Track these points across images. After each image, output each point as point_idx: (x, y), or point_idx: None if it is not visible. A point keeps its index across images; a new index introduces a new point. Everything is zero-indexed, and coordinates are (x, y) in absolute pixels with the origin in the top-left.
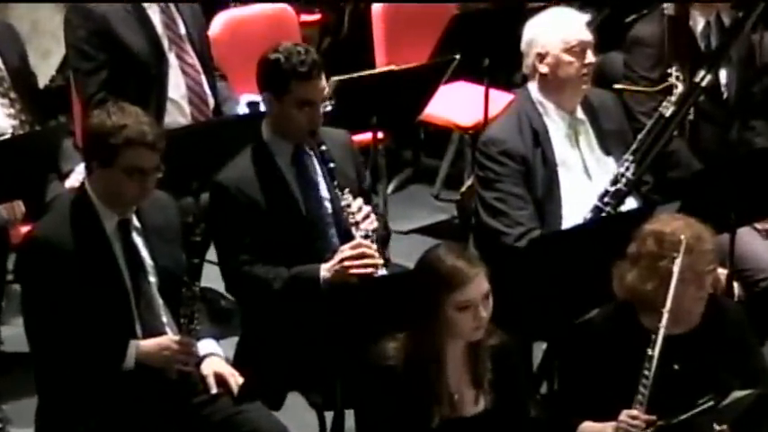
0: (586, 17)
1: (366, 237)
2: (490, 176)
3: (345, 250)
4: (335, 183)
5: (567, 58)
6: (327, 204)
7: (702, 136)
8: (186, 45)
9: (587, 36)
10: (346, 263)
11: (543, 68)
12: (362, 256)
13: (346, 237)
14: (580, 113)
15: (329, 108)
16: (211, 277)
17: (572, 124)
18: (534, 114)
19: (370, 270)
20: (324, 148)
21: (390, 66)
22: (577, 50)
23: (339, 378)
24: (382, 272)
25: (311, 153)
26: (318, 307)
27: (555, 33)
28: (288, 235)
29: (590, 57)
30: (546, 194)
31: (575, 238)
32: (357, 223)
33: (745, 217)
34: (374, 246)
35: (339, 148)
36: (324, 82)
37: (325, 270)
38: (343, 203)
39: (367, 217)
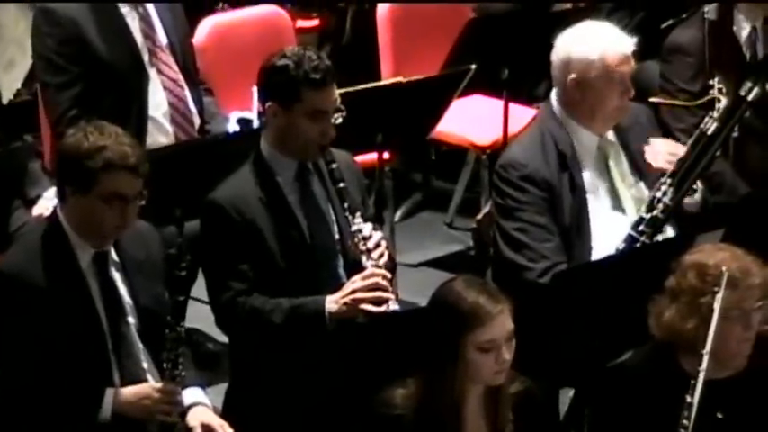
0: (633, 41)
1: (377, 267)
2: (510, 204)
3: (357, 281)
4: (346, 205)
5: (609, 90)
6: (334, 229)
7: (749, 156)
8: (168, 56)
9: (631, 65)
10: (358, 295)
11: (577, 95)
12: (375, 287)
13: (353, 266)
14: (610, 134)
15: (340, 120)
16: (197, 317)
17: (602, 146)
18: (560, 133)
19: (383, 306)
20: (334, 165)
21: (398, 77)
22: (621, 87)
23: (341, 430)
24: (394, 306)
25: (315, 172)
26: (322, 345)
27: (599, 62)
28: (289, 262)
29: (631, 90)
30: (573, 224)
31: (606, 271)
32: (368, 251)
33: None
34: (389, 275)
35: (342, 170)
36: (336, 91)
37: (332, 302)
38: (354, 229)
39: (378, 245)
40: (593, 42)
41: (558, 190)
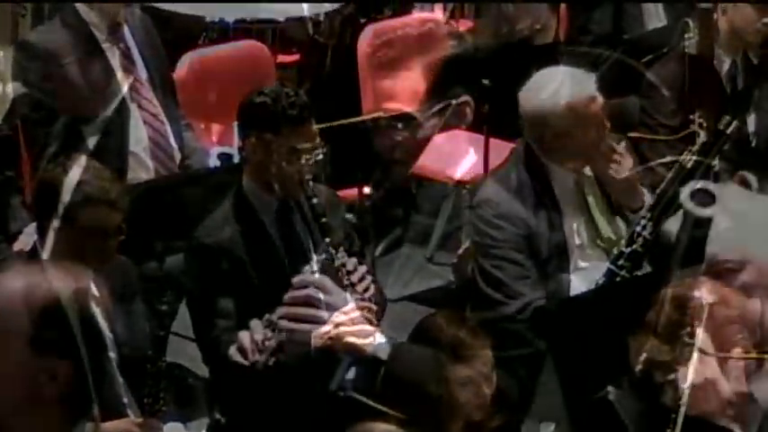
0: (593, 76)
1: (362, 300)
2: (486, 242)
3: (340, 314)
4: (328, 240)
5: (585, 132)
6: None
7: None
8: (148, 91)
9: (599, 102)
10: (342, 329)
11: (557, 144)
12: (360, 320)
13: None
14: (587, 169)
15: (320, 156)
16: (177, 352)
17: (579, 180)
18: (535, 169)
19: (368, 339)
20: (315, 201)
21: (378, 112)
22: (595, 123)
23: None
24: (381, 339)
25: (296, 207)
26: (307, 379)
27: (568, 110)
28: (273, 300)
29: (606, 123)
30: (552, 260)
31: (585, 306)
32: (353, 285)
33: None
34: (374, 307)
35: (324, 204)
36: (314, 127)
37: (317, 337)
38: (338, 263)
39: (363, 279)
40: (558, 93)
41: (535, 226)
